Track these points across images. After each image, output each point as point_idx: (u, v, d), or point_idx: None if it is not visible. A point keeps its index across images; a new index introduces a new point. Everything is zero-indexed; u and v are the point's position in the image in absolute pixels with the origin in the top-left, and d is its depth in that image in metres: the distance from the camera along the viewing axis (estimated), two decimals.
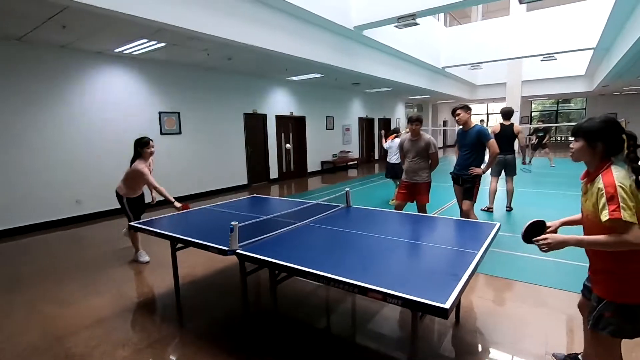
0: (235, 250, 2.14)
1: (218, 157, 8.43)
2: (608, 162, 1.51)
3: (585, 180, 1.61)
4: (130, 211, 3.95)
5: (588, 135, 1.54)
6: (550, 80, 15.93)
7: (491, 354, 2.28)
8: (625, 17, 7.08)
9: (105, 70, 6.26)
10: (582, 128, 1.56)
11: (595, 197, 1.47)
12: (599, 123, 1.52)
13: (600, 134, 1.51)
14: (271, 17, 5.86)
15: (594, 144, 1.52)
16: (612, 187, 1.40)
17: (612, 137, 1.50)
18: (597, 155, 1.53)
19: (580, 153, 1.58)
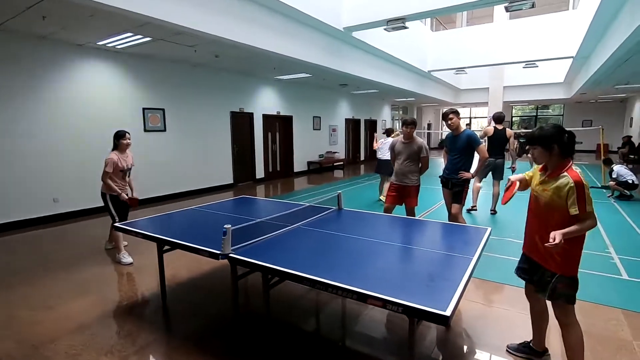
0: (228, 255, 2.09)
1: (203, 155, 8.27)
2: (568, 161, 1.83)
3: (548, 174, 1.89)
4: (115, 210, 3.85)
5: (543, 141, 1.85)
6: (531, 86, 16.39)
7: (481, 357, 2.31)
8: (604, 27, 7.34)
9: (87, 64, 6.03)
10: (536, 136, 1.88)
11: (563, 191, 1.77)
12: (550, 130, 1.86)
13: (552, 138, 1.82)
14: (260, 15, 5.78)
15: (550, 147, 1.83)
16: (581, 186, 1.73)
17: (562, 139, 1.82)
18: (554, 156, 1.84)
19: (540, 156, 1.89)
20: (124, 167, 3.91)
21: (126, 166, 3.94)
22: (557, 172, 1.83)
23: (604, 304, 2.82)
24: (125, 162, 3.94)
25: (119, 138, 3.91)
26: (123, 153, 3.93)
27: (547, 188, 1.86)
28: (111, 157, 3.80)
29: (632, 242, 4.40)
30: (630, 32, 5.48)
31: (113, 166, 3.79)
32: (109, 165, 3.76)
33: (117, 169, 3.84)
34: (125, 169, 3.93)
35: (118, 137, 3.91)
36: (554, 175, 1.84)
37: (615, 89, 12.62)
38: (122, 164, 3.87)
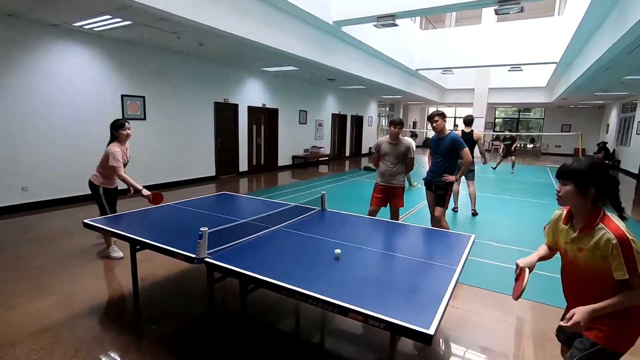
0: (203, 259, 1.98)
1: (185, 146, 8.03)
2: (601, 209, 1.42)
3: (580, 228, 1.46)
4: (108, 204, 3.60)
5: (579, 178, 1.41)
6: (514, 89, 16.69)
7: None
8: (587, 37, 7.48)
9: (61, 46, 5.70)
10: (571, 170, 1.43)
11: (604, 250, 1.35)
12: (589, 166, 1.41)
13: (592, 178, 1.39)
14: (249, 4, 5.59)
15: (586, 189, 1.40)
16: (628, 242, 1.31)
17: (603, 181, 1.40)
18: (588, 201, 1.42)
19: (570, 197, 1.44)
20: (125, 160, 3.60)
21: (126, 159, 3.62)
22: (590, 224, 1.41)
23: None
24: (126, 154, 3.62)
25: (117, 128, 3.53)
26: (123, 145, 3.58)
27: (584, 247, 1.43)
28: (117, 149, 3.45)
29: None
30: (612, 44, 5.60)
31: (121, 159, 3.46)
32: (116, 158, 3.41)
33: (113, 166, 3.48)
34: (126, 162, 3.61)
35: (117, 127, 3.53)
36: (588, 230, 1.41)
37: (594, 95, 12.99)
38: (123, 157, 3.55)
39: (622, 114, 14.61)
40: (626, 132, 13.75)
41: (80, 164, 6.04)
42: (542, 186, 9.27)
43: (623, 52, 6.08)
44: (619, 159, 14.06)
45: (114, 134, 3.57)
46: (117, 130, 3.54)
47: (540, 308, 2.95)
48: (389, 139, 3.99)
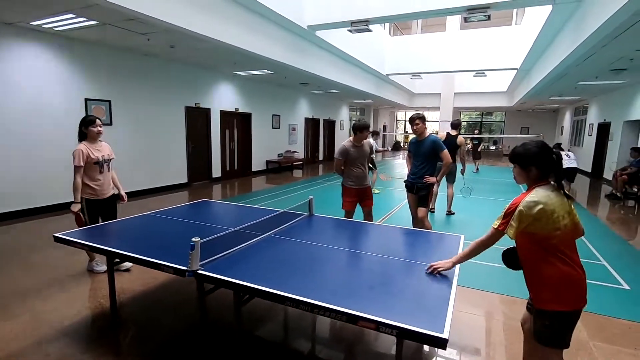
0: (196, 271, 1.87)
1: (155, 152, 7.68)
2: (540, 184, 1.60)
3: None
4: (89, 217, 3.24)
5: (521, 160, 1.64)
6: (478, 94, 17.49)
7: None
8: (546, 44, 7.98)
9: (17, 45, 5.27)
10: (516, 154, 1.66)
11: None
12: (531, 148, 1.62)
13: (532, 159, 1.60)
14: (222, 6, 5.46)
15: (528, 168, 1.62)
16: (512, 205, 1.57)
17: (543, 161, 1.59)
18: (531, 178, 1.63)
19: (518, 176, 1.68)
20: (99, 159, 3.28)
21: (101, 157, 3.31)
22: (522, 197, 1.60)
23: None
24: (100, 152, 3.31)
25: (87, 125, 3.26)
26: (94, 143, 3.30)
27: None
28: (79, 148, 3.17)
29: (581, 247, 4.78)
30: (568, 54, 6.00)
31: (83, 158, 3.16)
32: (77, 158, 3.14)
33: (91, 162, 3.23)
34: (100, 161, 3.29)
35: (86, 124, 3.27)
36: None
37: (550, 99, 13.86)
38: (94, 155, 3.24)
39: (575, 117, 15.71)
40: (579, 134, 14.79)
41: (37, 173, 5.62)
42: (507, 185, 9.73)
43: (579, 60, 6.53)
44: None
45: (83, 132, 3.29)
46: (86, 127, 3.27)
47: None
48: (354, 142, 3.92)
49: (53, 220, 5.40)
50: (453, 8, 5.98)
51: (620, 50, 5.88)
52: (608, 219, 6.46)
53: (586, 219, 6.15)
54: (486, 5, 5.70)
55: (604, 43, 5.37)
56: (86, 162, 3.21)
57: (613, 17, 4.08)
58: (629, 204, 7.73)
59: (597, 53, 6.01)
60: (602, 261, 4.05)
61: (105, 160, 3.37)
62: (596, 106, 12.59)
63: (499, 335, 2.61)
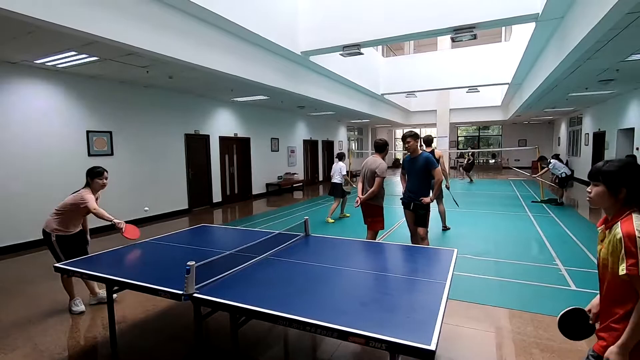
0: (192, 295, 1.91)
1: (155, 180, 7.79)
2: (629, 209, 1.36)
3: (603, 227, 1.44)
4: (62, 252, 3.19)
5: (609, 179, 1.38)
6: (473, 109, 17.76)
7: None
8: (533, 60, 8.21)
9: (20, 84, 5.48)
10: (603, 172, 1.40)
11: (614, 245, 1.33)
12: (621, 166, 1.37)
13: (623, 178, 1.36)
14: (217, 37, 5.70)
15: (617, 190, 1.37)
16: (630, 237, 1.27)
17: (636, 182, 1.35)
18: (618, 202, 1.38)
19: (600, 198, 1.42)
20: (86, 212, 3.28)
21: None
22: (612, 222, 1.38)
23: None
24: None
25: (93, 177, 3.26)
26: (94, 194, 3.28)
27: (603, 244, 1.42)
28: (90, 195, 3.18)
29: (573, 252, 4.77)
30: (555, 67, 6.18)
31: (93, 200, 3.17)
32: (90, 201, 3.12)
33: (84, 211, 3.23)
34: (87, 212, 3.28)
35: (93, 176, 3.26)
36: (608, 228, 1.40)
37: (544, 111, 14.06)
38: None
39: (570, 127, 15.86)
40: (576, 144, 14.89)
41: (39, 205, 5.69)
42: (508, 198, 9.74)
43: (565, 73, 6.71)
44: (572, 169, 15.12)
45: (88, 182, 3.29)
46: (92, 178, 3.27)
47: (526, 316, 3.04)
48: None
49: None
50: (440, 29, 6.21)
51: (604, 62, 6.05)
52: None
53: (585, 227, 6.15)
54: (472, 25, 5.92)
55: (587, 56, 5.54)
56: (82, 208, 3.20)
57: (592, 32, 4.24)
58: None
59: (582, 65, 6.18)
60: None
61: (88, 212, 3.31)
62: (590, 116, 12.76)
63: (500, 349, 2.59)
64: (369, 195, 3.94)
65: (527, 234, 5.81)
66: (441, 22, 6.05)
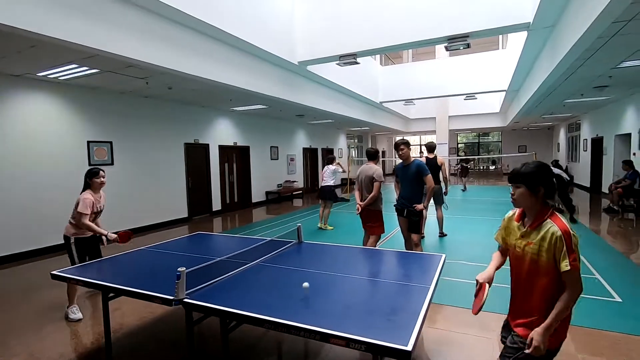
0: (182, 300, 1.96)
1: (155, 189, 7.88)
2: (549, 208, 1.53)
3: (530, 224, 1.57)
4: (78, 255, 3.38)
5: (529, 180, 1.53)
6: (472, 116, 17.86)
7: None
8: (528, 67, 8.31)
9: (22, 96, 5.61)
10: (522, 174, 1.55)
11: (549, 243, 1.47)
12: (535, 168, 1.54)
13: (539, 178, 1.52)
14: (216, 49, 5.83)
15: (537, 189, 1.52)
16: (569, 235, 1.43)
17: (549, 180, 1.53)
18: (538, 200, 1.53)
19: (523, 198, 1.56)
20: (97, 209, 3.47)
21: (99, 208, 3.50)
22: (539, 220, 1.54)
23: None
24: (99, 203, 3.51)
25: (91, 176, 3.46)
26: (97, 193, 3.49)
27: (531, 241, 1.54)
28: (88, 197, 3.35)
29: None
30: (548, 74, 6.26)
31: (90, 207, 3.34)
32: (86, 206, 3.30)
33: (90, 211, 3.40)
34: (97, 211, 3.49)
35: (90, 175, 3.46)
36: (536, 226, 1.54)
37: (543, 118, 14.13)
38: (95, 206, 3.43)
39: (569, 133, 15.91)
40: (575, 150, 14.92)
41: (40, 214, 5.79)
42: (506, 205, 9.75)
43: (559, 80, 6.79)
44: (572, 175, 15.13)
45: (87, 182, 3.48)
46: (90, 179, 3.46)
47: None
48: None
49: (55, 260, 5.49)
50: (435, 39, 6.32)
51: (597, 69, 6.14)
52: (604, 232, 6.45)
53: (583, 233, 6.16)
54: (465, 34, 6.03)
55: (579, 63, 5.64)
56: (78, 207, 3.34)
57: (581, 40, 4.33)
58: (629, 217, 7.72)
59: (576, 72, 6.27)
60: (596, 274, 4.06)
61: (100, 210, 3.55)
62: (588, 122, 12.82)
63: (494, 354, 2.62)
64: (370, 200, 4.08)
65: None
66: (435, 32, 6.16)
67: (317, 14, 7.27)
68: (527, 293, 1.58)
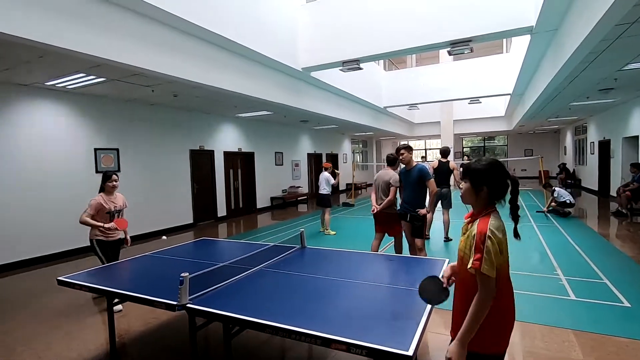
0: (185, 305, 1.98)
1: (161, 195, 7.95)
2: (491, 208, 1.45)
3: (468, 220, 1.51)
4: (103, 254, 3.68)
5: (474, 176, 1.46)
6: (477, 120, 17.80)
7: None
8: (532, 71, 8.29)
9: (32, 104, 5.72)
10: (469, 169, 1.48)
11: (469, 240, 1.42)
12: (484, 165, 1.45)
13: (484, 176, 1.44)
14: (220, 56, 5.90)
15: (479, 187, 1.45)
16: (483, 235, 1.35)
17: (496, 181, 1.44)
18: (480, 199, 1.46)
19: (467, 194, 1.49)
20: (111, 209, 3.71)
21: (113, 208, 3.75)
22: (474, 218, 1.47)
23: (557, 326, 2.97)
24: (114, 204, 3.76)
25: (104, 180, 3.76)
26: (110, 195, 3.76)
27: (462, 238, 1.50)
28: (95, 200, 3.65)
29: (576, 262, 4.72)
30: (552, 77, 6.24)
31: (95, 209, 3.60)
32: (90, 208, 3.59)
33: (103, 211, 3.66)
34: (112, 211, 3.73)
35: (104, 179, 3.76)
36: (471, 222, 1.48)
37: (548, 121, 14.03)
38: (108, 206, 3.68)
39: (576, 136, 15.77)
40: (582, 153, 14.77)
41: (49, 221, 5.87)
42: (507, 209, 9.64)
43: (564, 83, 6.76)
44: (580, 178, 14.96)
45: (102, 187, 3.76)
46: (104, 182, 3.74)
47: (523, 327, 3.03)
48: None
49: (63, 266, 5.55)
50: (437, 43, 6.33)
51: (601, 72, 6.10)
52: (612, 236, 6.36)
53: (590, 237, 6.08)
54: (467, 39, 6.04)
55: (583, 66, 5.61)
56: (99, 211, 3.64)
57: (584, 43, 4.31)
58: (637, 220, 7.61)
59: (580, 75, 6.23)
60: (604, 279, 4.00)
61: (116, 210, 3.78)
62: (595, 125, 12.70)
63: None
64: (386, 204, 4.21)
65: (530, 244, 5.76)
66: (438, 37, 6.18)
67: (320, 20, 7.34)
68: (458, 289, 1.51)
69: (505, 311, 1.43)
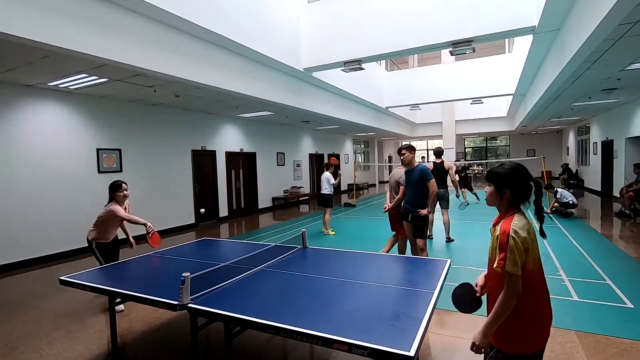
0: (186, 305, 1.98)
1: (163, 195, 7.96)
2: (514, 210, 1.51)
3: (494, 222, 1.57)
4: (102, 257, 3.68)
5: (497, 180, 1.54)
6: (479, 120, 17.75)
7: None
8: (534, 71, 8.26)
9: (35, 105, 5.75)
10: (493, 173, 1.56)
11: (495, 242, 1.48)
12: (507, 169, 1.53)
13: (507, 180, 1.51)
14: (222, 57, 5.91)
15: (503, 190, 1.52)
16: (506, 235, 1.41)
17: (519, 184, 1.51)
18: (504, 202, 1.53)
19: (491, 197, 1.57)
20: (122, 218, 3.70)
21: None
22: (499, 220, 1.54)
23: (560, 327, 2.95)
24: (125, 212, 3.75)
25: (114, 190, 3.62)
26: (122, 205, 3.70)
27: (492, 242, 1.55)
28: (117, 207, 3.56)
29: (579, 263, 4.70)
30: (555, 77, 6.21)
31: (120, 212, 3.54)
32: (119, 212, 3.52)
33: (117, 221, 3.69)
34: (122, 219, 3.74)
35: (114, 189, 3.63)
36: (495, 224, 1.55)
37: (551, 121, 13.99)
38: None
39: (579, 136, 15.71)
40: (585, 153, 14.71)
41: (52, 220, 5.89)
42: None
43: (566, 83, 6.73)
44: (582, 179, 14.90)
45: (111, 196, 3.65)
46: (114, 192, 3.64)
47: None
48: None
49: (64, 266, 5.57)
50: (439, 43, 6.33)
51: (604, 72, 6.07)
52: (615, 237, 6.33)
53: (593, 238, 6.05)
54: (469, 39, 6.03)
55: (586, 66, 5.58)
56: (115, 219, 3.62)
57: (587, 42, 4.30)
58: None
59: (583, 75, 6.21)
60: (607, 280, 3.98)
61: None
62: (597, 125, 12.64)
63: None
64: (396, 203, 4.32)
65: None
66: (439, 37, 6.17)
67: (321, 20, 7.34)
68: (490, 289, 1.60)
69: (534, 312, 1.46)
